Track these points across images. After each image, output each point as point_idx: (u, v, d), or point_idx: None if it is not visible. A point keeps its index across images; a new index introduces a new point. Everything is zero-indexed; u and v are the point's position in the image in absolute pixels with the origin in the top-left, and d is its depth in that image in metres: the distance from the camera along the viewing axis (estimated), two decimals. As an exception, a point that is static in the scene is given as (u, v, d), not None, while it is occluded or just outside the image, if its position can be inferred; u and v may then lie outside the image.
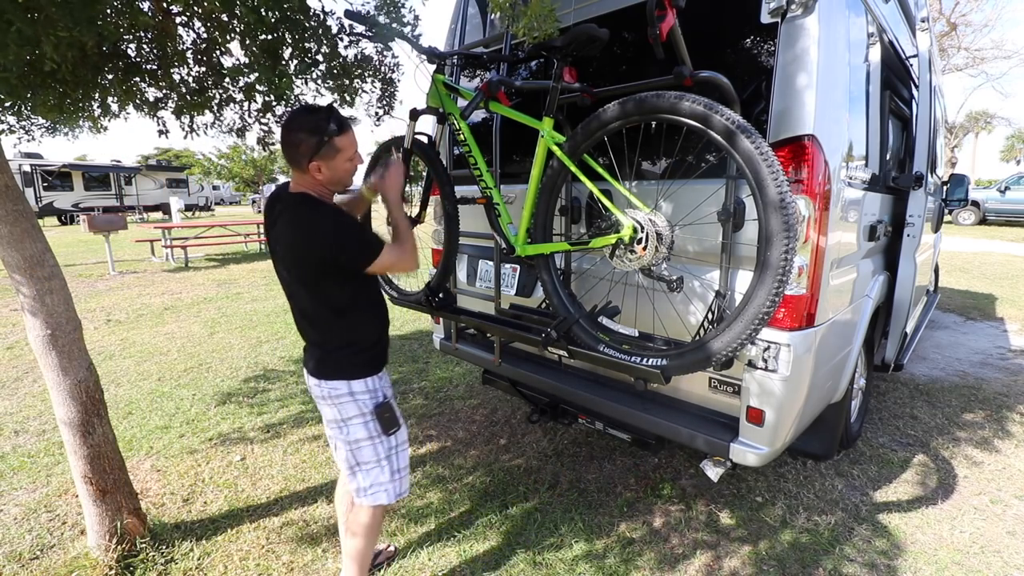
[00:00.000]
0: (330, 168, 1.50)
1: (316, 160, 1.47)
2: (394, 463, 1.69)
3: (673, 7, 1.42)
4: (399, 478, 1.71)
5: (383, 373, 1.71)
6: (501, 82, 1.84)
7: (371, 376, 1.65)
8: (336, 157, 1.49)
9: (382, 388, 1.68)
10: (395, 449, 1.69)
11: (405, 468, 1.73)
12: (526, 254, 1.88)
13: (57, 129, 2.24)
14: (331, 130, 1.45)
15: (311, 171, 1.49)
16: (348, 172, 1.56)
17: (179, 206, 14.64)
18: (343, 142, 1.49)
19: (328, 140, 1.46)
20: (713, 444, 1.87)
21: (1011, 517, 2.30)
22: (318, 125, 1.45)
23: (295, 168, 1.52)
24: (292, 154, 1.49)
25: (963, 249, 10.65)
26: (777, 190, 1.28)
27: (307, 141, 1.45)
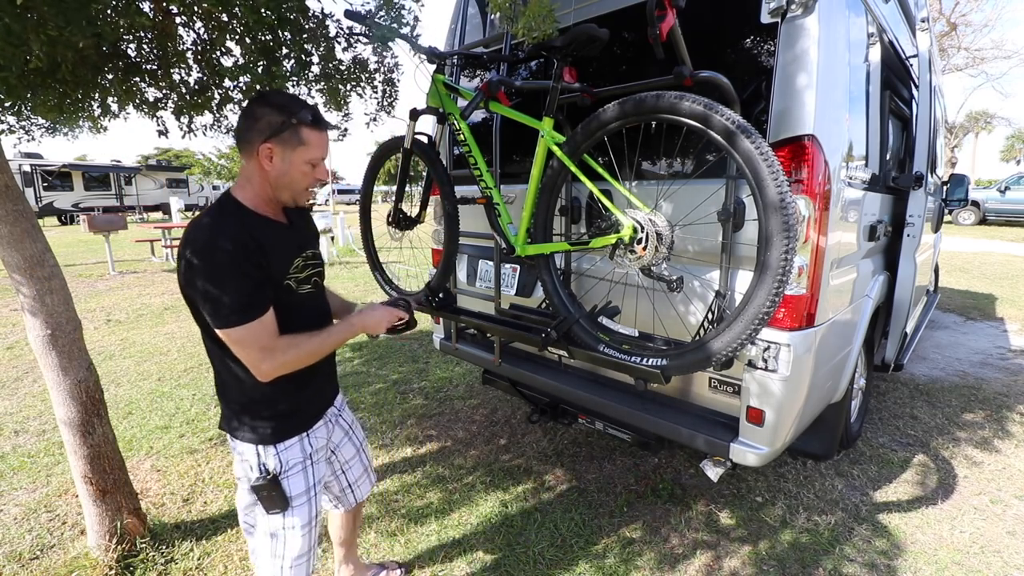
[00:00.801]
0: (284, 160, 1.23)
1: (271, 141, 1.21)
2: (277, 547, 1.37)
3: (673, 7, 1.42)
4: (281, 566, 1.37)
5: (296, 440, 1.38)
6: (501, 82, 1.84)
7: (267, 445, 1.33)
8: (296, 150, 1.24)
9: (279, 454, 1.34)
10: (283, 529, 1.36)
11: (298, 556, 1.38)
12: (526, 254, 1.88)
13: (57, 129, 2.24)
14: (303, 116, 1.23)
15: (260, 156, 1.22)
16: (303, 178, 1.28)
17: (179, 206, 14.63)
18: (311, 137, 1.25)
19: (295, 124, 1.22)
20: (713, 444, 1.87)
21: (1011, 517, 2.30)
22: (290, 105, 1.23)
23: (242, 151, 1.26)
24: (247, 130, 1.22)
25: (963, 249, 10.65)
26: (777, 190, 1.28)
27: (269, 116, 1.21)
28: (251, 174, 1.28)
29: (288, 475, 1.36)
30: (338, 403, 1.63)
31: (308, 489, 1.40)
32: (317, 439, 1.45)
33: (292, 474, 1.37)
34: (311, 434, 1.43)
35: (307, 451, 1.41)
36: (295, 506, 1.37)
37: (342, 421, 1.65)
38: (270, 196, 1.30)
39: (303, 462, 1.39)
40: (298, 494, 1.38)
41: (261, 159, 1.23)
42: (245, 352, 1.20)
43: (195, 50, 2.10)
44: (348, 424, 1.68)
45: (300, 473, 1.39)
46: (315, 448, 1.44)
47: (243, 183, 1.29)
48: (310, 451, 1.42)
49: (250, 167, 1.27)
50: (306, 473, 1.40)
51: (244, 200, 1.28)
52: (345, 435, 1.65)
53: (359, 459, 1.71)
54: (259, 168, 1.25)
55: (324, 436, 1.49)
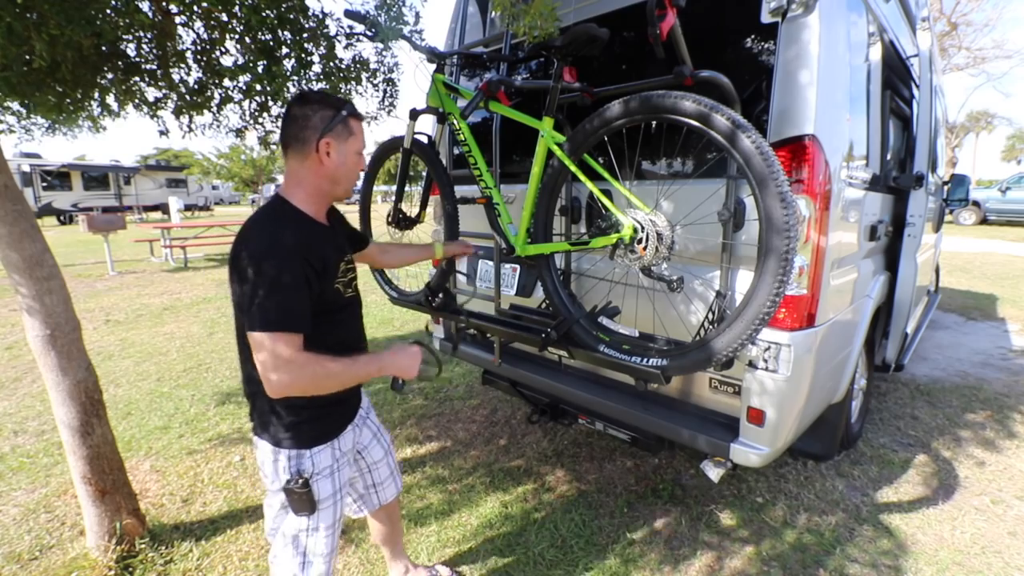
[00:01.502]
0: (340, 152, 1.27)
1: (328, 136, 1.24)
2: (300, 546, 1.39)
3: (673, 7, 1.42)
4: (303, 562, 1.40)
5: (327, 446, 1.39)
6: (501, 82, 1.83)
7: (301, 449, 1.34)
8: (349, 140, 1.29)
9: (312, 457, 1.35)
10: (305, 531, 1.39)
11: (322, 555, 1.41)
12: (526, 254, 1.87)
13: (57, 129, 2.24)
14: (348, 108, 1.29)
15: (319, 151, 1.25)
16: (355, 167, 1.33)
17: (178, 206, 14.62)
18: (357, 127, 1.31)
19: (345, 116, 1.27)
20: (714, 444, 1.86)
21: (1012, 518, 2.30)
22: (334, 101, 1.28)
23: (297, 152, 1.27)
24: (300, 129, 1.24)
25: (964, 249, 10.65)
26: (778, 190, 1.27)
27: (321, 112, 1.25)
28: (305, 174, 1.28)
29: (317, 479, 1.37)
30: (365, 407, 1.65)
31: (334, 493, 1.42)
32: (344, 443, 1.46)
33: (321, 478, 1.38)
34: (340, 440, 1.44)
35: (336, 456, 1.42)
36: (321, 509, 1.39)
37: (370, 423, 1.67)
38: (324, 193, 1.32)
39: (331, 466, 1.41)
40: (325, 497, 1.39)
41: (320, 155, 1.26)
42: (266, 359, 1.16)
43: (195, 50, 2.10)
44: (376, 427, 1.70)
45: (328, 478, 1.40)
46: (343, 452, 1.46)
47: (294, 186, 1.30)
48: (338, 455, 1.43)
49: (304, 167, 1.28)
50: (333, 477, 1.42)
51: (298, 204, 1.29)
52: (373, 437, 1.67)
53: (386, 462, 1.72)
54: (317, 165, 1.27)
55: (351, 441, 1.51)
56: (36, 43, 1.44)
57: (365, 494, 1.72)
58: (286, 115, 1.29)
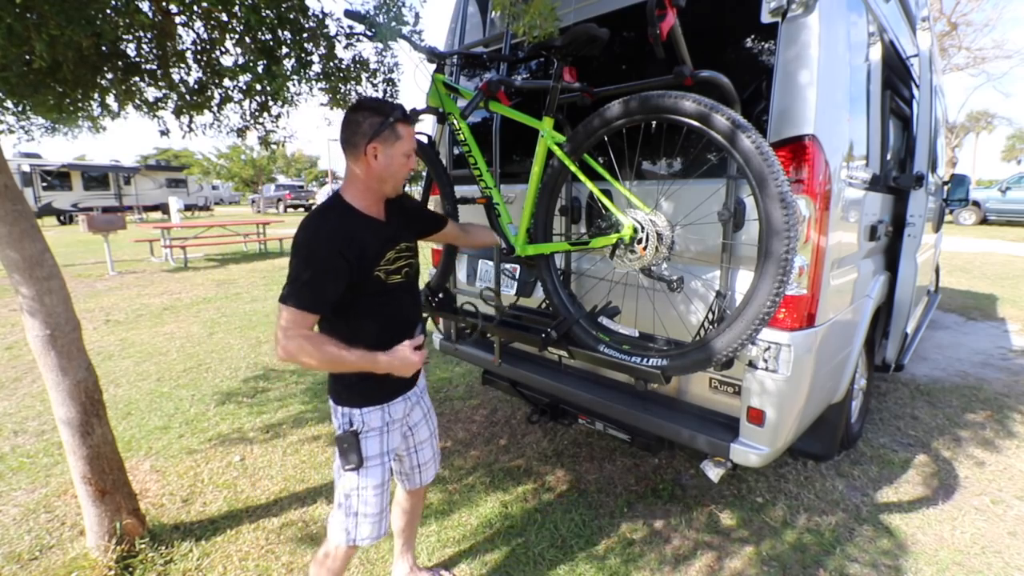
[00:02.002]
0: (387, 155, 1.39)
1: (375, 141, 1.37)
2: (352, 504, 1.52)
3: (673, 7, 1.42)
4: (357, 522, 1.53)
5: (377, 408, 1.52)
6: (501, 82, 1.83)
7: (353, 407, 1.50)
8: (395, 144, 1.40)
9: (363, 415, 1.50)
10: (356, 489, 1.51)
11: (372, 514, 1.53)
12: (526, 254, 1.87)
13: (57, 129, 2.24)
14: (396, 114, 1.40)
15: (367, 156, 1.38)
16: (403, 168, 1.44)
17: (178, 206, 14.62)
18: (404, 131, 1.42)
19: (392, 122, 1.38)
20: (714, 444, 1.86)
21: (1012, 518, 2.30)
22: (384, 107, 1.41)
23: (351, 155, 1.41)
24: (352, 135, 1.39)
25: (964, 249, 10.65)
26: (778, 190, 1.27)
27: (370, 119, 1.38)
28: (357, 174, 1.43)
29: (367, 436, 1.51)
30: (421, 385, 1.74)
31: (382, 454, 1.55)
32: (395, 411, 1.58)
33: (370, 436, 1.52)
34: (389, 406, 1.56)
35: (385, 419, 1.55)
36: (368, 467, 1.51)
37: (423, 403, 1.76)
38: (375, 191, 1.46)
39: (380, 428, 1.54)
40: (372, 455, 1.52)
41: (368, 158, 1.39)
42: (278, 327, 1.33)
43: (195, 50, 2.10)
44: (427, 409, 1.78)
45: (377, 437, 1.53)
46: (392, 419, 1.57)
47: (349, 185, 1.46)
48: (388, 420, 1.55)
49: (357, 168, 1.42)
50: (382, 438, 1.55)
51: (351, 200, 1.44)
52: (423, 417, 1.75)
53: (430, 443, 1.80)
54: (366, 167, 1.41)
55: (401, 411, 1.61)
56: (36, 43, 1.44)
57: (411, 473, 1.79)
58: (344, 120, 1.43)
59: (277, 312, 1.34)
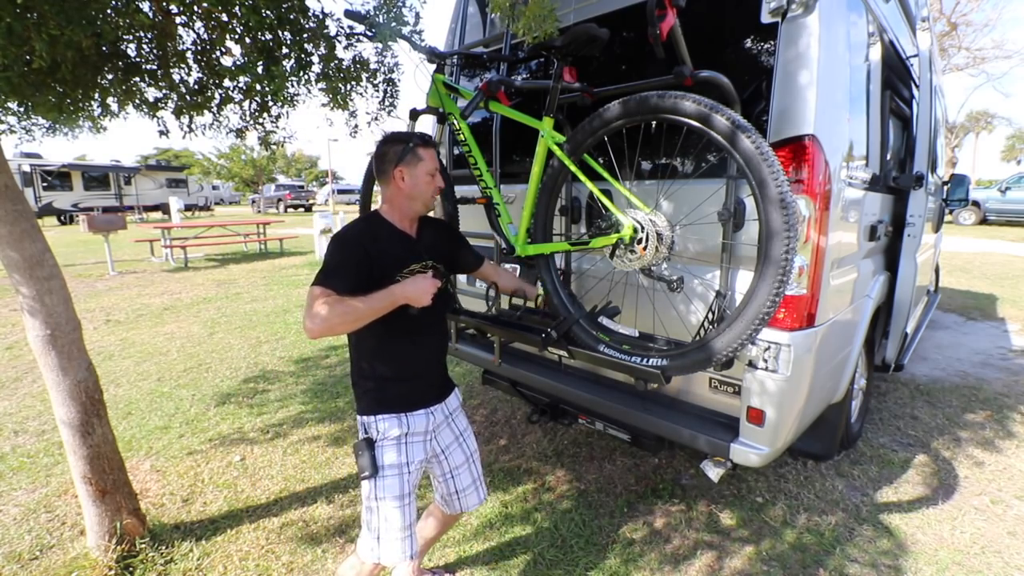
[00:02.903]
0: (412, 176, 1.55)
1: (400, 166, 1.54)
2: (372, 519, 1.52)
3: (673, 7, 1.42)
4: (378, 538, 1.51)
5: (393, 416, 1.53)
6: (501, 82, 1.84)
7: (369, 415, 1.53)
8: (418, 165, 1.55)
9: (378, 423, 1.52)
10: (375, 500, 1.51)
11: (395, 532, 1.50)
12: (526, 254, 1.87)
13: (57, 129, 2.24)
14: (416, 139, 1.57)
15: (395, 179, 1.55)
16: (428, 186, 1.58)
17: (178, 206, 14.63)
18: (425, 153, 1.57)
19: (412, 147, 1.55)
20: (714, 444, 1.86)
21: (1012, 518, 2.30)
22: (404, 137, 1.59)
23: (383, 182, 1.58)
24: (381, 164, 1.56)
25: (964, 249, 10.65)
26: (777, 190, 1.27)
27: (394, 148, 1.56)
28: (391, 196, 1.58)
29: (383, 444, 1.53)
30: (452, 405, 1.71)
31: (400, 465, 1.53)
32: (415, 423, 1.57)
33: (386, 445, 1.53)
34: (408, 417, 1.56)
35: (404, 429, 1.55)
36: (385, 476, 1.51)
37: (454, 425, 1.71)
38: (407, 209, 1.59)
39: (399, 438, 1.54)
40: (388, 465, 1.52)
41: (397, 181, 1.55)
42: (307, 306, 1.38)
43: (195, 50, 2.10)
44: (460, 430, 1.73)
45: (394, 447, 1.53)
46: (412, 430, 1.56)
47: (385, 204, 1.61)
48: (407, 430, 1.55)
49: (390, 191, 1.58)
50: (399, 449, 1.54)
51: (385, 215, 1.59)
52: (455, 440, 1.71)
53: (468, 469, 1.74)
54: (397, 189, 1.56)
55: (423, 424, 1.59)
56: (36, 43, 1.44)
57: (449, 499, 1.75)
58: (375, 155, 1.60)
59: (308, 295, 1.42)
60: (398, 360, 1.57)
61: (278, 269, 9.39)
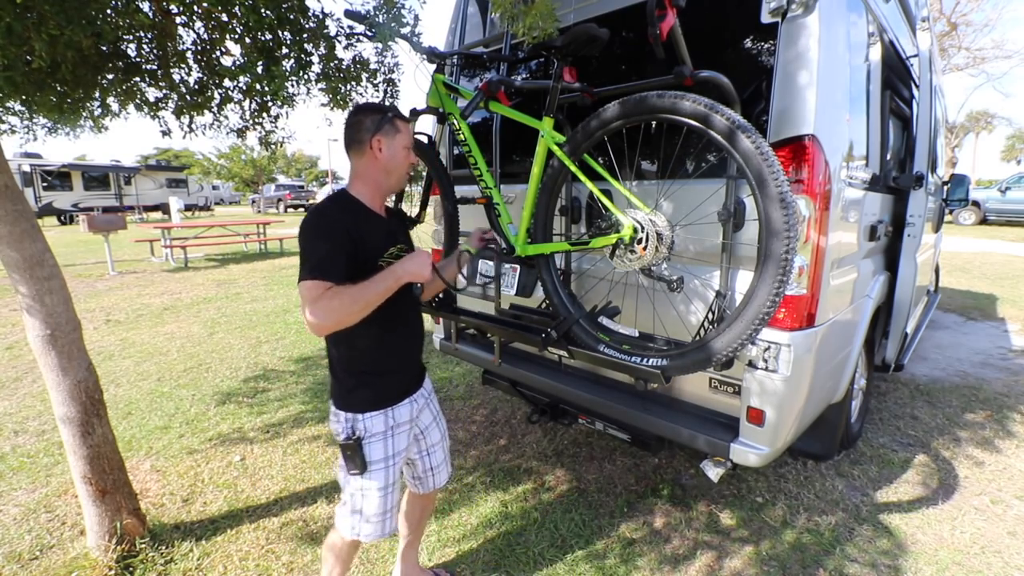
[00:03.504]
0: (390, 148, 1.49)
1: (379, 135, 1.48)
2: (356, 503, 1.56)
3: (673, 7, 1.42)
4: (360, 520, 1.57)
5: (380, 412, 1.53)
6: (501, 82, 1.84)
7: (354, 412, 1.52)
8: (396, 137, 1.50)
9: (364, 421, 1.51)
10: (360, 490, 1.55)
11: (375, 515, 1.56)
12: (526, 254, 1.87)
13: (58, 129, 2.24)
14: (393, 110, 1.53)
15: (373, 149, 1.48)
16: (404, 160, 1.53)
17: (179, 206, 14.62)
18: (402, 126, 1.52)
19: (391, 117, 1.50)
20: (713, 444, 1.86)
21: (1012, 518, 2.30)
22: (380, 107, 1.54)
23: (356, 152, 1.50)
24: (355, 132, 1.49)
25: (964, 249, 10.64)
26: (777, 190, 1.28)
27: (371, 116, 1.49)
28: (363, 169, 1.51)
29: (370, 442, 1.53)
30: (428, 387, 1.75)
31: (387, 458, 1.56)
32: (400, 414, 1.58)
33: (373, 442, 1.53)
34: (394, 410, 1.57)
35: (389, 423, 1.55)
36: (372, 471, 1.53)
37: (431, 406, 1.76)
38: (381, 184, 1.53)
39: (384, 432, 1.55)
40: (376, 460, 1.53)
41: (374, 151, 1.48)
42: (303, 304, 1.33)
43: (195, 50, 2.10)
44: (436, 412, 1.79)
45: (380, 442, 1.54)
46: (397, 422, 1.57)
47: (355, 181, 1.53)
48: (392, 424, 1.56)
49: (362, 163, 1.51)
50: (386, 443, 1.55)
51: (356, 194, 1.52)
52: (433, 420, 1.77)
53: (442, 446, 1.81)
54: (372, 160, 1.49)
55: (407, 414, 1.61)
56: (36, 43, 1.44)
57: (423, 476, 1.79)
58: (347, 124, 1.52)
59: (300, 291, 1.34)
60: (393, 353, 1.57)
61: (278, 269, 9.39)
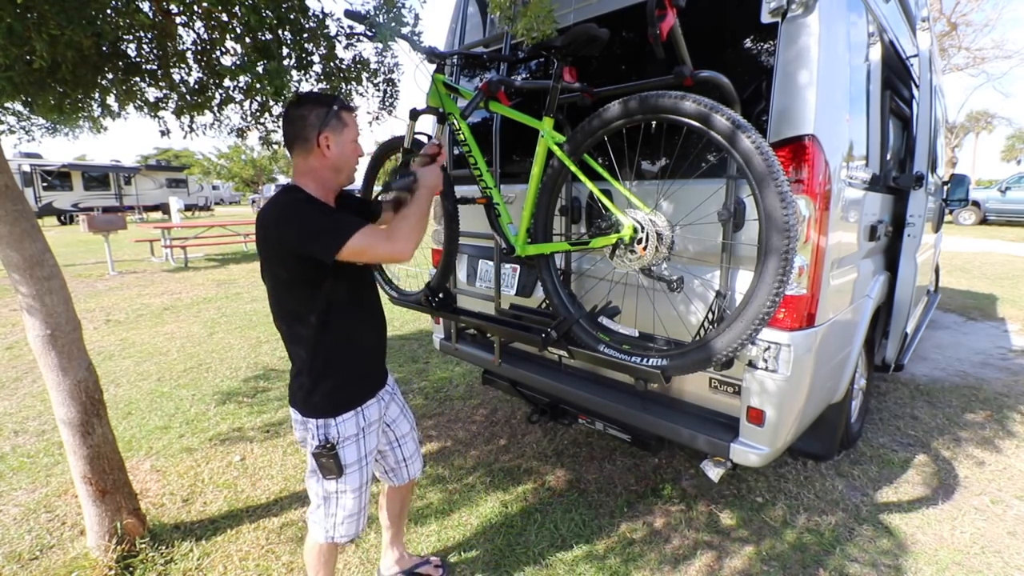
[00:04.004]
0: (338, 144, 1.43)
1: (325, 131, 1.41)
2: (331, 507, 1.56)
3: (673, 7, 1.42)
4: (335, 523, 1.57)
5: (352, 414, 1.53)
6: (501, 82, 1.83)
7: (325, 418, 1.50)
8: (343, 132, 1.44)
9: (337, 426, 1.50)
10: (334, 494, 1.55)
11: (349, 516, 1.57)
12: (526, 254, 1.87)
13: (57, 129, 2.24)
14: (338, 103, 1.45)
15: (320, 146, 1.41)
16: (354, 155, 1.48)
17: (179, 206, 14.62)
18: (348, 118, 1.47)
19: (337, 110, 1.43)
20: (714, 444, 1.86)
21: (1012, 518, 2.30)
22: (326, 99, 1.45)
23: (300, 149, 1.44)
24: (299, 128, 1.41)
25: (964, 249, 10.64)
26: (777, 190, 1.27)
27: (316, 111, 1.41)
28: (311, 167, 1.44)
29: (344, 446, 1.52)
30: (391, 385, 1.77)
31: (360, 459, 1.57)
32: (370, 414, 1.60)
33: (347, 445, 1.53)
34: (364, 410, 1.58)
35: (360, 424, 1.56)
36: (348, 473, 1.54)
37: (397, 399, 1.80)
38: (331, 181, 1.48)
39: (357, 435, 1.55)
40: (351, 463, 1.54)
41: (322, 149, 1.42)
42: (373, 253, 1.34)
43: (195, 50, 2.10)
44: (401, 404, 1.82)
45: (354, 444, 1.55)
46: (368, 422, 1.59)
47: (302, 176, 1.46)
48: (363, 424, 1.57)
49: (310, 162, 1.44)
50: (359, 444, 1.56)
51: (308, 190, 1.45)
52: (400, 412, 1.80)
53: (412, 436, 1.84)
54: (321, 157, 1.43)
55: (376, 412, 1.63)
56: (36, 43, 1.44)
57: (396, 468, 1.82)
58: (285, 117, 1.44)
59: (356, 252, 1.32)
60: (361, 353, 1.56)
61: (278, 269, 9.38)
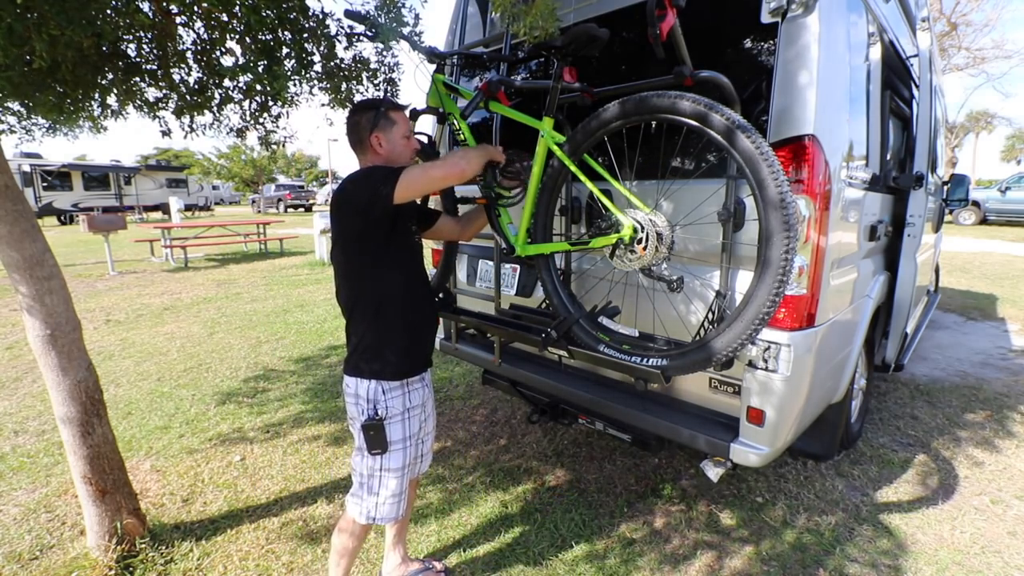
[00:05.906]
0: (389, 140, 1.60)
1: (376, 132, 1.58)
2: (374, 485, 1.62)
3: (673, 7, 1.42)
4: (376, 503, 1.63)
5: (401, 385, 1.62)
6: (501, 82, 1.83)
7: (381, 381, 1.58)
8: (392, 129, 1.60)
9: (387, 401, 1.59)
10: (379, 471, 1.61)
11: (391, 496, 1.63)
12: (526, 254, 1.87)
13: (57, 129, 2.24)
14: (385, 103, 1.62)
15: (373, 146, 1.59)
16: (406, 148, 1.63)
17: (179, 206, 14.63)
18: (397, 116, 1.62)
19: (383, 111, 1.59)
20: (713, 444, 1.86)
21: (1012, 517, 2.30)
22: (373, 103, 1.63)
23: (360, 152, 1.63)
24: (355, 134, 1.60)
25: (963, 249, 10.65)
26: (777, 190, 1.28)
27: (367, 115, 1.59)
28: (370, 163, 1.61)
29: (390, 422, 1.60)
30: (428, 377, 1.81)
31: (404, 439, 1.64)
32: (415, 396, 1.68)
33: (393, 423, 1.61)
34: (410, 391, 1.66)
35: (406, 405, 1.64)
36: (392, 451, 1.61)
37: (432, 396, 1.85)
38: None
39: (402, 414, 1.63)
40: (396, 440, 1.62)
41: (375, 148, 1.59)
42: (428, 179, 1.50)
43: (195, 50, 2.10)
44: (433, 402, 1.88)
45: (399, 423, 1.63)
46: (412, 404, 1.67)
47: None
48: (408, 406, 1.65)
49: (368, 160, 1.62)
50: (404, 424, 1.64)
51: None
52: (432, 409, 1.86)
53: (433, 435, 1.90)
54: (375, 156, 1.60)
55: (420, 398, 1.71)
56: (36, 43, 1.44)
57: (413, 464, 1.82)
58: (347, 127, 1.63)
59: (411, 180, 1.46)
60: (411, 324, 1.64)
61: (278, 269, 9.40)
